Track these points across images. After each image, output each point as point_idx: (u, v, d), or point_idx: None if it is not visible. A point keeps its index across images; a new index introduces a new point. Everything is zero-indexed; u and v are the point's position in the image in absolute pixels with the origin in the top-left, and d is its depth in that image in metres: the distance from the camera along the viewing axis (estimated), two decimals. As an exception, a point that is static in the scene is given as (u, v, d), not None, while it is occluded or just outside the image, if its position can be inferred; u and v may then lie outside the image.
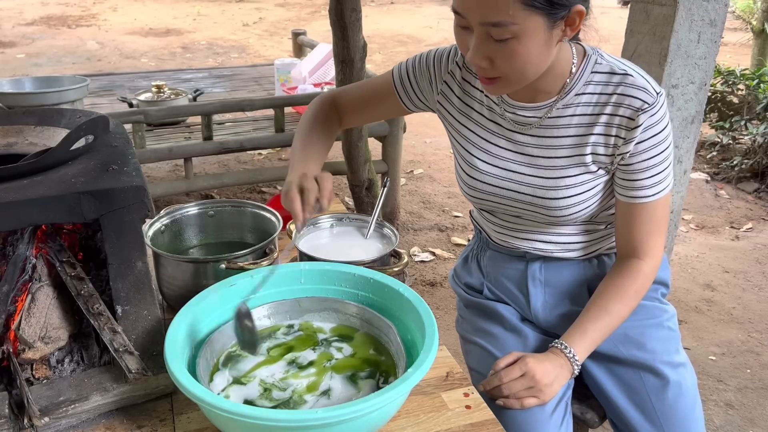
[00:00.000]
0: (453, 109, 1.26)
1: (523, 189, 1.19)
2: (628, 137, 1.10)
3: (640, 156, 1.11)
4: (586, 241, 1.27)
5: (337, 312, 1.07)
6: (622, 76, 1.10)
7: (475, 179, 1.24)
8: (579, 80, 1.12)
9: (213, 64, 7.39)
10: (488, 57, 1.00)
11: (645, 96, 1.08)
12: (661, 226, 1.17)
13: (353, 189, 3.17)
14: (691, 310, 2.86)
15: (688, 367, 1.24)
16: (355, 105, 1.35)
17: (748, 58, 5.85)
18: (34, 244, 1.08)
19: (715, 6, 1.91)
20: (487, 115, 1.21)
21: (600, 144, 1.13)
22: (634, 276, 1.17)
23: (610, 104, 1.10)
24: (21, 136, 1.24)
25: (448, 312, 2.81)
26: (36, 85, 3.28)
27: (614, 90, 1.10)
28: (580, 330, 1.15)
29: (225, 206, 1.34)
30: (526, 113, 1.16)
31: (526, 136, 1.18)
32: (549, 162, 1.17)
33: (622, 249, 1.21)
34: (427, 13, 10.84)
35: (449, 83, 1.25)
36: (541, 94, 1.14)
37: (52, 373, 1.01)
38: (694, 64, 1.97)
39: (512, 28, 0.95)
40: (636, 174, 1.12)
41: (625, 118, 1.09)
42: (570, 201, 1.16)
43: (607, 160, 1.14)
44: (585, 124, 1.13)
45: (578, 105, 1.13)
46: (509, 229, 1.30)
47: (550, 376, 1.11)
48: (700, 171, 4.34)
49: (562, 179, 1.16)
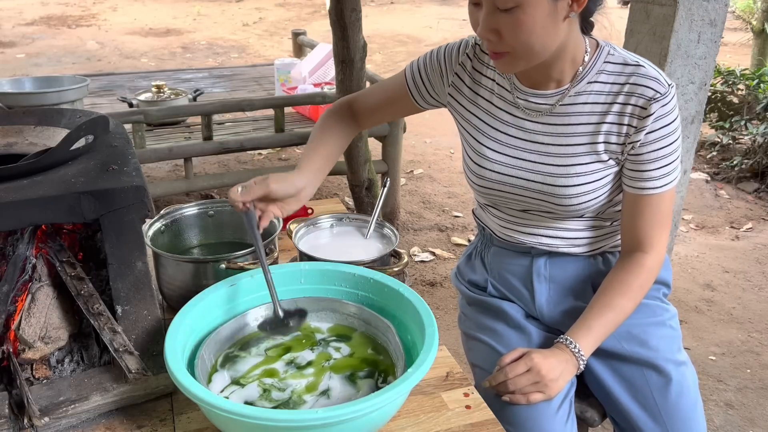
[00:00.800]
0: (464, 99, 1.27)
1: (533, 177, 1.20)
2: (640, 126, 1.11)
3: (650, 146, 1.12)
4: (591, 237, 1.28)
5: (334, 312, 1.07)
6: (634, 67, 1.12)
7: (483, 168, 1.25)
8: (592, 69, 1.14)
9: (213, 64, 7.39)
10: (495, 29, 1.03)
11: (657, 86, 1.10)
12: (666, 219, 1.18)
13: (353, 189, 3.17)
14: (691, 310, 2.86)
15: (690, 366, 1.24)
16: (369, 107, 1.36)
17: (748, 58, 5.85)
18: (34, 244, 1.08)
19: (715, 6, 1.91)
20: (498, 104, 1.23)
21: (613, 133, 1.14)
22: (638, 270, 1.18)
23: (623, 93, 1.12)
24: (21, 136, 1.24)
25: (448, 312, 2.81)
26: (36, 85, 3.28)
27: (627, 80, 1.12)
28: (585, 325, 1.16)
29: (225, 206, 1.34)
30: (538, 100, 1.18)
31: (537, 123, 1.19)
32: (560, 150, 1.18)
33: (626, 242, 1.22)
34: (427, 13, 10.84)
35: (460, 74, 1.27)
36: (554, 81, 1.16)
37: (52, 373, 1.01)
38: (694, 64, 1.97)
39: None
40: (645, 165, 1.14)
41: (638, 107, 1.11)
42: (580, 190, 1.17)
43: (618, 149, 1.15)
44: (597, 113, 1.14)
45: (590, 93, 1.15)
46: (515, 223, 1.30)
47: (556, 371, 1.11)
48: (700, 171, 4.34)
49: (572, 167, 1.17)
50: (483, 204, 1.38)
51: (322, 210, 1.57)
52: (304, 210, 1.56)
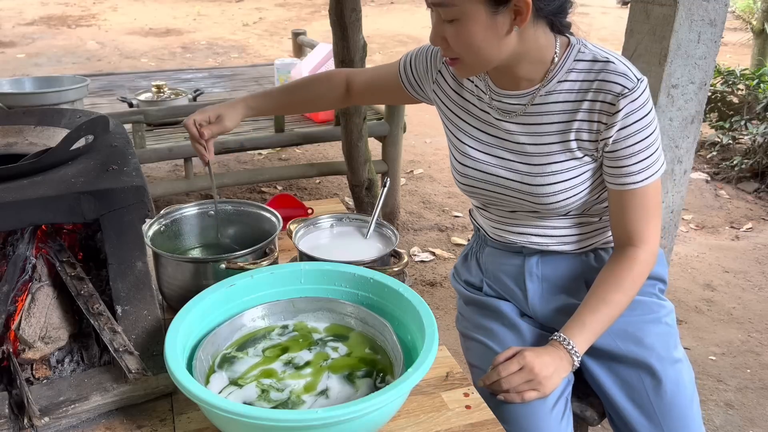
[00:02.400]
0: (446, 99, 1.31)
1: (513, 176, 1.22)
2: (610, 122, 1.12)
3: (625, 142, 1.12)
4: (580, 234, 1.28)
5: (331, 312, 1.07)
6: (603, 63, 1.12)
7: (467, 167, 1.27)
8: (561, 68, 1.15)
9: (213, 64, 7.39)
10: (443, 37, 1.09)
11: (625, 81, 1.10)
12: (653, 211, 1.18)
13: (353, 189, 3.17)
14: (691, 310, 2.86)
15: (686, 363, 1.24)
16: (365, 83, 1.44)
17: (748, 58, 5.85)
18: (34, 244, 1.08)
19: (715, 6, 1.91)
20: (477, 104, 1.25)
21: (584, 130, 1.15)
22: (630, 264, 1.18)
23: (592, 90, 1.13)
24: (21, 136, 1.24)
25: (448, 312, 2.81)
26: (36, 85, 3.27)
27: (596, 76, 1.12)
28: (579, 322, 1.16)
29: (225, 206, 1.34)
30: (511, 101, 1.20)
31: (512, 124, 1.21)
32: (536, 149, 1.19)
33: (617, 238, 1.22)
34: (427, 13, 10.63)
35: (443, 73, 1.30)
36: (524, 81, 1.17)
37: (52, 373, 1.01)
38: (694, 64, 1.97)
39: (453, 9, 1.03)
40: (622, 160, 1.14)
41: (606, 103, 1.11)
42: (557, 188, 1.18)
43: (591, 146, 1.16)
44: (568, 111, 1.15)
45: (561, 92, 1.15)
46: (504, 223, 1.32)
47: (549, 368, 1.11)
48: (700, 171, 4.34)
49: (548, 165, 1.18)
50: (475, 205, 1.40)
51: (322, 210, 1.57)
52: (304, 210, 1.56)
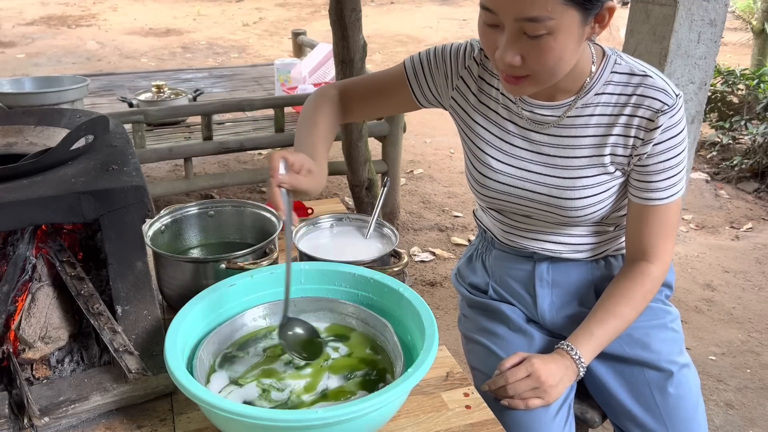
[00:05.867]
0: (468, 106, 1.24)
1: (539, 189, 1.18)
2: (647, 138, 1.10)
3: (657, 158, 1.11)
4: (595, 242, 1.26)
5: (332, 312, 1.07)
6: (641, 77, 1.10)
7: (488, 178, 1.23)
8: (599, 80, 1.12)
9: (213, 64, 7.39)
10: (520, 54, 0.98)
11: (664, 97, 1.08)
12: (672, 229, 1.17)
13: (353, 189, 3.17)
14: (691, 310, 2.86)
15: (692, 368, 1.24)
16: (363, 97, 1.31)
17: (748, 58, 5.85)
18: (34, 244, 1.08)
19: (715, 6, 1.91)
20: (503, 114, 1.20)
21: (619, 145, 1.12)
22: (643, 279, 1.17)
23: (630, 105, 1.10)
24: (21, 136, 1.24)
25: (448, 312, 2.81)
26: (36, 85, 3.27)
27: (634, 90, 1.10)
28: (587, 332, 1.15)
29: (225, 206, 1.34)
30: (544, 112, 1.16)
31: (543, 135, 1.17)
32: (566, 162, 1.16)
33: (631, 251, 1.20)
34: (427, 13, 10.83)
35: (465, 79, 1.23)
36: (561, 92, 1.13)
37: (52, 373, 1.01)
38: (694, 64, 1.97)
39: (549, 23, 0.93)
40: (651, 176, 1.12)
41: (645, 119, 1.09)
42: (586, 202, 1.16)
43: (624, 161, 1.14)
44: (604, 125, 1.13)
45: (597, 105, 1.12)
46: (518, 229, 1.29)
47: (556, 377, 1.11)
48: (700, 171, 4.34)
49: (579, 179, 1.15)
50: (485, 207, 1.36)
51: (322, 210, 1.57)
52: (304, 210, 1.56)
